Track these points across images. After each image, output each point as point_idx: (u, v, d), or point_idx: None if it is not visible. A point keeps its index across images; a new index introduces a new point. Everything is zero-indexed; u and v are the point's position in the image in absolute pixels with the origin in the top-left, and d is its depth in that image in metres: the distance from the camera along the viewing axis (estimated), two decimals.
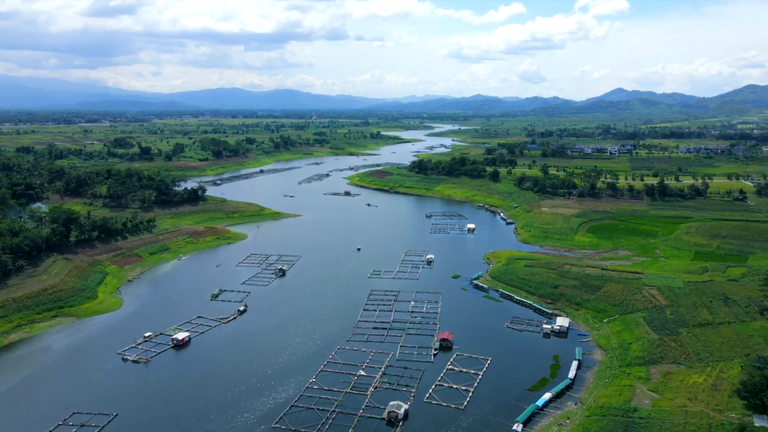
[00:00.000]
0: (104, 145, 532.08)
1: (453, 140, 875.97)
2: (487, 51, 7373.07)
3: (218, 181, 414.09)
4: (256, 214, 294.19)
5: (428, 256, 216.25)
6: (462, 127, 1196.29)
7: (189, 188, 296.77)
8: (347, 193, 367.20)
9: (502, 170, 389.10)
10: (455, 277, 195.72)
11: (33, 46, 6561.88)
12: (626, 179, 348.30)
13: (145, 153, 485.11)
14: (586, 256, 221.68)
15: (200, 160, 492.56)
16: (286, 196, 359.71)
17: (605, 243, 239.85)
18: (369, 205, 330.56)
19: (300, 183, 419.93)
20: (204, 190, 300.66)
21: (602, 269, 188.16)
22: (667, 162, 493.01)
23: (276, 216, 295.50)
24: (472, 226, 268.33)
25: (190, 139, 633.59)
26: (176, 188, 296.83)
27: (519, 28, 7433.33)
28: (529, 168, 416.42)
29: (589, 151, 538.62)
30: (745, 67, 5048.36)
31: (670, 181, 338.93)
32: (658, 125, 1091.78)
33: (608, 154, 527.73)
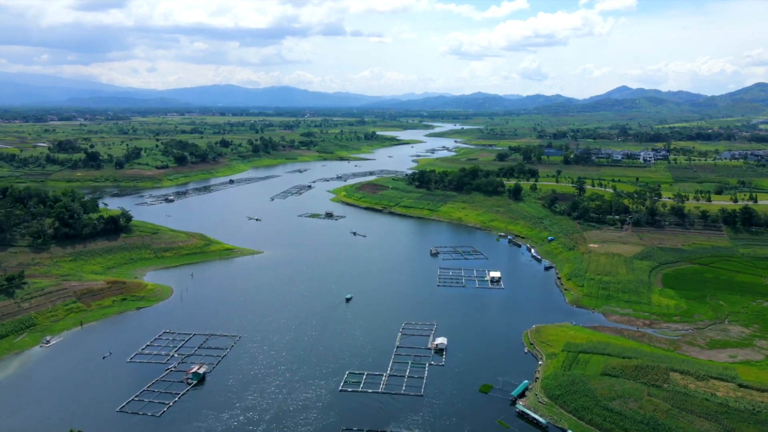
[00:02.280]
0: (49, 149, 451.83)
1: (456, 141, 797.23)
2: (488, 48, 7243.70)
3: (171, 197, 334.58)
4: (199, 251, 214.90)
5: (438, 341, 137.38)
6: (464, 127, 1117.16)
7: (106, 216, 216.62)
8: (329, 215, 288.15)
9: (525, 185, 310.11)
10: (484, 390, 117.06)
11: (23, 42, 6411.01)
12: (688, 198, 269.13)
13: (92, 159, 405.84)
14: (682, 336, 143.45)
15: (158, 167, 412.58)
16: (250, 219, 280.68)
17: (699, 308, 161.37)
18: (355, 234, 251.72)
19: (273, 198, 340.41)
20: (128, 218, 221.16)
21: (739, 385, 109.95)
22: (713, 171, 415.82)
23: (226, 254, 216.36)
24: (496, 274, 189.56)
25: (158, 140, 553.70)
26: (90, 215, 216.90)
27: (521, 24, 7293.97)
28: (556, 181, 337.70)
29: (619, 157, 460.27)
30: (750, 65, 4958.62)
31: (743, 201, 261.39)
32: (676, 125, 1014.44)
33: (642, 161, 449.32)
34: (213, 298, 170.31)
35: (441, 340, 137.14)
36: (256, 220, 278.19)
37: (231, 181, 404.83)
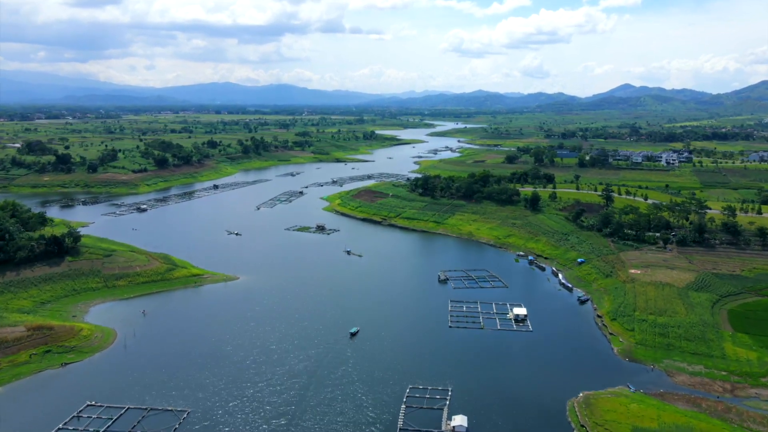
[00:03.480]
0: (18, 150, 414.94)
1: (459, 141, 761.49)
2: (489, 45, 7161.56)
3: (144, 205, 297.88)
4: (159, 278, 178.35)
5: (455, 422, 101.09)
6: (467, 126, 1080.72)
7: (48, 236, 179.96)
8: (320, 229, 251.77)
9: (542, 192, 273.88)
10: None
11: (19, 39, 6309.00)
12: (736, 210, 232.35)
13: (62, 162, 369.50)
14: None
15: (135, 171, 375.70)
16: (229, 233, 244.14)
17: None
18: (349, 253, 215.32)
19: (259, 207, 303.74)
20: (76, 238, 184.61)
21: None
22: (743, 175, 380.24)
23: (192, 281, 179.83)
24: (521, 311, 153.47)
25: (142, 140, 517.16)
26: (30, 234, 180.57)
27: (523, 21, 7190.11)
28: (577, 188, 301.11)
29: (638, 159, 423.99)
30: (753, 62, 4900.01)
31: None
32: (686, 124, 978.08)
33: (664, 164, 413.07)
34: (165, 346, 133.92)
35: (459, 422, 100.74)
36: (236, 234, 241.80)
37: (215, 187, 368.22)
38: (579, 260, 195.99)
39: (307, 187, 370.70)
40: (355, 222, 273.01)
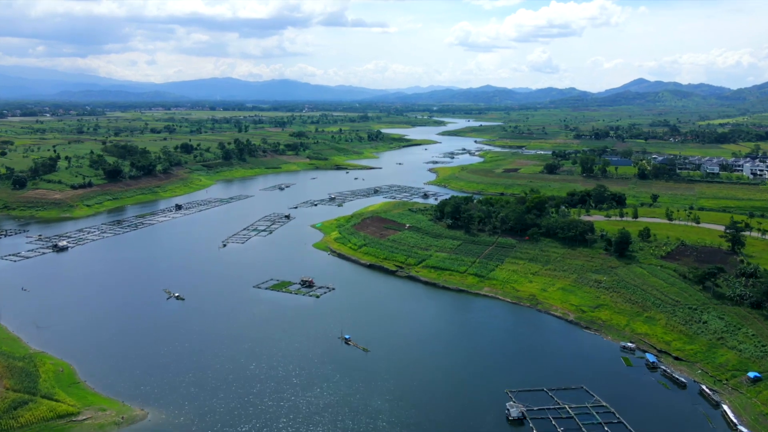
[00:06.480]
0: None
1: (476, 142, 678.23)
2: (497, 38, 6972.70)
3: (63, 241, 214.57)
4: None
5: None
6: (481, 123, 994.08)
7: None
8: (307, 285, 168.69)
9: (625, 225, 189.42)
10: None
11: (14, 33, 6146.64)
12: None
13: None
14: None
15: (75, 186, 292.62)
16: (169, 296, 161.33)
17: None
18: (347, 341, 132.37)
19: (225, 243, 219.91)
20: None
21: None
22: None
23: (57, 430, 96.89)
24: None
25: (104, 143, 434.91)
26: None
27: (532, 14, 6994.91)
28: (668, 217, 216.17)
29: (715, 169, 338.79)
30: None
31: None
32: (724, 121, 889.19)
33: (750, 175, 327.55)
34: None
35: None
36: (177, 298, 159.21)
37: (178, 207, 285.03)
38: (752, 375, 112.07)
39: (296, 207, 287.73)
40: (359, 270, 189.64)
